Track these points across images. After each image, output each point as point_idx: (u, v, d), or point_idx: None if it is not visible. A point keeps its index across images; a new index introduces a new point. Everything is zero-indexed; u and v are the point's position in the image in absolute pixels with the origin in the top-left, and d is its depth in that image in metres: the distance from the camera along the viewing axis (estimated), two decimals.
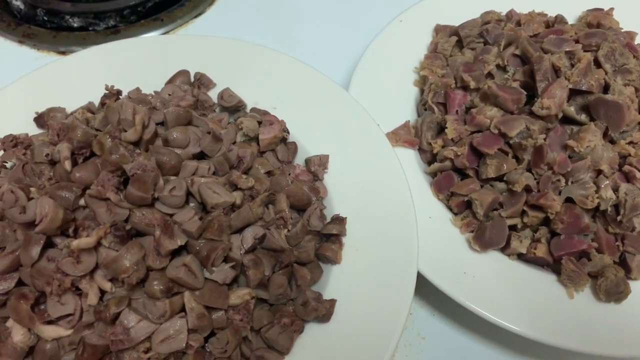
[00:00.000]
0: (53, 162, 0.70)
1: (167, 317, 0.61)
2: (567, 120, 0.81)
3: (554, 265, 0.78)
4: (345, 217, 0.77)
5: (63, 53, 1.10)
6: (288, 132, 0.84)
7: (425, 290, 0.83)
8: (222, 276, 0.63)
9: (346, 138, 0.84)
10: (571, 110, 0.80)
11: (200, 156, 0.73)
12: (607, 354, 0.71)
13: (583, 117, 0.80)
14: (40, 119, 0.83)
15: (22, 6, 1.16)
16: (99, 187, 0.62)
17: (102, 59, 0.92)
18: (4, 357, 0.63)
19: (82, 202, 0.66)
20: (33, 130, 0.83)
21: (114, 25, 1.15)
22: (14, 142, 0.78)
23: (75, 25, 1.14)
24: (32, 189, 0.67)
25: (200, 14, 1.19)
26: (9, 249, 0.64)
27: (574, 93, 0.81)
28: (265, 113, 0.85)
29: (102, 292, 0.63)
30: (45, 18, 1.15)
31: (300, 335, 0.69)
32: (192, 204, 0.67)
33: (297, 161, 0.85)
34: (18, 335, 0.63)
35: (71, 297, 0.62)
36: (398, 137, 0.87)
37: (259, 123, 0.81)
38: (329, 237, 0.76)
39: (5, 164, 0.78)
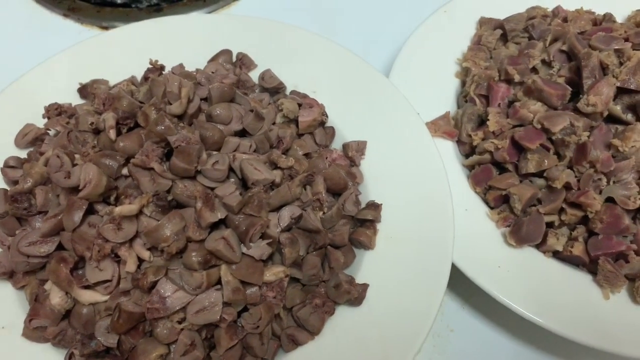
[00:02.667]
0: (97, 131, 0.71)
1: (203, 288, 0.61)
2: (612, 119, 0.80)
3: (589, 265, 0.77)
4: (381, 204, 0.76)
5: (106, 28, 1.11)
6: (327, 116, 0.84)
7: (455, 282, 0.82)
8: (259, 252, 0.64)
9: (385, 125, 0.83)
10: (617, 109, 0.78)
11: (242, 133, 0.73)
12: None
13: (629, 117, 0.79)
14: (84, 90, 0.85)
15: None
16: (143, 157, 0.63)
17: (145, 35, 0.92)
18: (41, 317, 0.64)
19: (124, 171, 0.67)
20: (76, 101, 0.85)
21: (157, 4, 1.16)
22: (58, 110, 0.79)
23: (119, 1, 1.15)
24: (77, 156, 0.68)
25: None
26: (52, 212, 0.65)
27: (620, 92, 0.79)
28: (305, 96, 0.85)
29: (140, 261, 0.64)
30: None
31: (331, 317, 0.69)
32: (232, 180, 0.67)
33: (334, 146, 0.85)
34: (56, 297, 0.65)
35: (110, 263, 0.63)
36: (437, 127, 0.86)
37: (299, 105, 0.81)
38: (364, 223, 0.75)
39: (48, 131, 0.79)
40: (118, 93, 0.70)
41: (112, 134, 0.67)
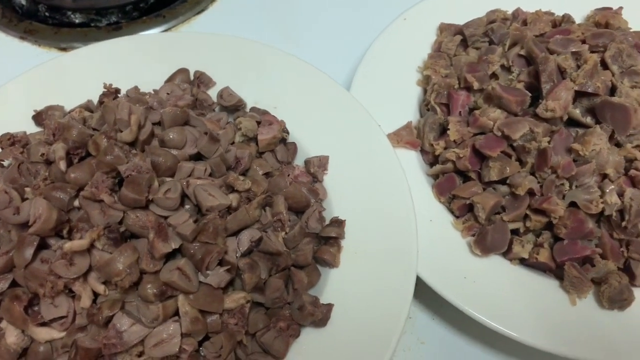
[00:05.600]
0: (49, 162, 0.69)
1: (160, 320, 0.60)
2: (572, 122, 0.80)
3: (556, 271, 0.77)
4: (344, 220, 0.76)
5: (64, 49, 1.09)
6: (288, 133, 0.83)
7: (424, 294, 0.82)
8: (216, 280, 0.63)
9: (347, 139, 0.82)
10: (576, 112, 0.78)
11: (197, 157, 0.72)
12: None
13: (589, 120, 0.78)
14: (39, 117, 0.83)
15: (23, 2, 1.16)
16: (92, 189, 0.61)
17: (102, 56, 0.91)
18: None
19: (77, 203, 0.65)
20: (32, 128, 0.83)
21: (116, 22, 1.15)
22: (11, 141, 0.77)
23: (77, 21, 1.13)
24: (27, 189, 0.67)
25: (202, 11, 1.18)
26: (3, 249, 0.64)
27: (579, 95, 0.79)
28: (265, 113, 0.84)
29: (96, 295, 0.62)
30: (47, 14, 1.14)
31: (297, 339, 0.68)
32: (187, 206, 0.66)
33: (297, 162, 0.84)
34: (11, 336, 0.63)
35: (64, 299, 0.62)
36: (400, 138, 0.85)
37: (258, 123, 0.80)
38: (328, 240, 0.74)
39: (2, 162, 0.77)
40: (67, 122, 0.69)
41: (62, 165, 0.66)
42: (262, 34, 1.14)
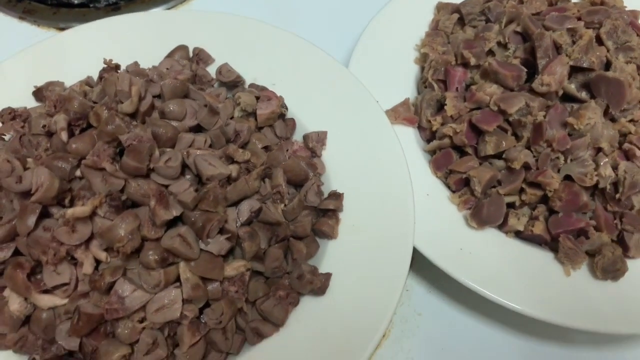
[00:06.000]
0: (50, 134, 0.70)
1: (161, 286, 0.61)
2: (567, 97, 0.81)
3: (551, 243, 0.78)
4: (342, 193, 0.77)
5: (63, 29, 1.09)
6: (286, 108, 0.83)
7: (422, 267, 0.83)
8: (217, 247, 0.64)
9: (345, 115, 0.83)
10: (572, 87, 0.79)
11: (197, 129, 0.73)
12: (603, 331, 0.71)
13: (584, 95, 0.79)
14: (39, 93, 0.83)
15: None
16: (94, 157, 0.62)
17: (102, 34, 0.91)
18: (1, 324, 0.63)
19: (78, 173, 0.66)
20: (32, 104, 0.83)
21: (115, 2, 1.15)
22: (12, 115, 0.78)
23: (76, 1, 1.14)
24: (29, 160, 0.67)
25: None
26: (6, 218, 0.65)
27: (574, 70, 0.80)
28: (264, 89, 0.85)
29: (98, 262, 0.63)
30: None
31: (296, 308, 0.69)
32: (188, 176, 0.67)
33: (295, 137, 0.85)
34: (14, 304, 0.64)
35: (67, 266, 0.63)
36: (397, 114, 0.86)
37: (257, 98, 0.81)
38: (326, 213, 0.75)
39: (3, 136, 0.78)
40: (69, 94, 0.69)
41: (64, 135, 0.66)
42: (261, 13, 1.14)
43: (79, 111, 0.68)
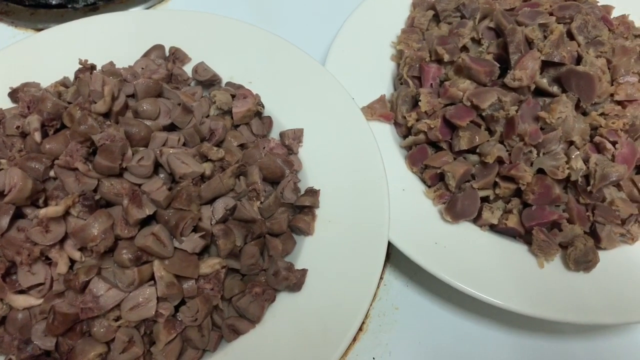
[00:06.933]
0: (24, 135, 0.70)
1: (136, 285, 0.62)
2: (539, 92, 0.82)
3: (525, 236, 0.79)
4: (319, 190, 0.77)
5: (41, 30, 1.09)
6: (263, 106, 0.84)
7: (399, 261, 0.84)
8: (191, 245, 0.64)
9: (321, 112, 0.84)
10: (543, 82, 0.80)
11: (171, 128, 0.73)
12: (575, 321, 0.72)
13: (555, 89, 0.80)
14: (15, 94, 0.83)
15: None
16: (67, 157, 0.62)
17: (78, 34, 0.91)
18: None
19: (52, 173, 0.66)
20: (8, 105, 0.83)
21: (93, 3, 1.14)
22: None
23: (54, 2, 1.13)
24: (3, 161, 0.68)
25: None
26: None
27: (546, 65, 0.81)
28: (240, 87, 0.86)
29: (72, 262, 0.63)
30: None
31: (272, 304, 0.70)
32: (161, 175, 0.67)
33: (272, 135, 0.85)
34: None
35: (41, 266, 0.63)
36: (373, 111, 0.87)
37: (233, 97, 0.82)
38: (302, 209, 0.76)
39: None
40: (42, 95, 0.70)
41: (37, 136, 0.67)
42: (238, 12, 1.14)
43: (53, 112, 0.68)
